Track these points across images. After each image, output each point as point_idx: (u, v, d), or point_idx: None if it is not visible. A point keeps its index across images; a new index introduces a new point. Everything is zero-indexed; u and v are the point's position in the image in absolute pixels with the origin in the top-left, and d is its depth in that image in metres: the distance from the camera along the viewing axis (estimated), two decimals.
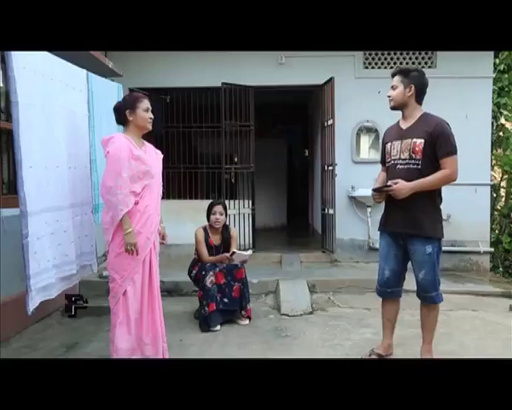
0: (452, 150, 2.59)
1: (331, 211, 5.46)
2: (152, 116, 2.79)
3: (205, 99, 5.84)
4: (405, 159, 2.66)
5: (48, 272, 2.56)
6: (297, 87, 5.83)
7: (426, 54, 5.56)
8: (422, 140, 2.61)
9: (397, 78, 2.72)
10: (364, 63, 5.61)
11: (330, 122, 5.39)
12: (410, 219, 2.65)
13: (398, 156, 2.71)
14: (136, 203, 2.66)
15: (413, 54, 5.57)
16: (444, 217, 5.31)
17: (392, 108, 2.78)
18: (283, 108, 8.27)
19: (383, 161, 2.91)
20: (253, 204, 5.79)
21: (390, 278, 2.82)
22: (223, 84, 5.34)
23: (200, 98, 5.83)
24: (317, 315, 3.97)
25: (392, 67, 5.47)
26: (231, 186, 5.71)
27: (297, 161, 9.89)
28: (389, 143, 2.79)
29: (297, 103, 8.20)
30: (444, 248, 5.34)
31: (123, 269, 2.65)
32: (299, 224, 8.68)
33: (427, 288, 2.70)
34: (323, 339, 3.37)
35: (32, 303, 2.42)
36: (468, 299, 4.43)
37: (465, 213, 5.42)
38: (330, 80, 5.35)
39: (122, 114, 2.73)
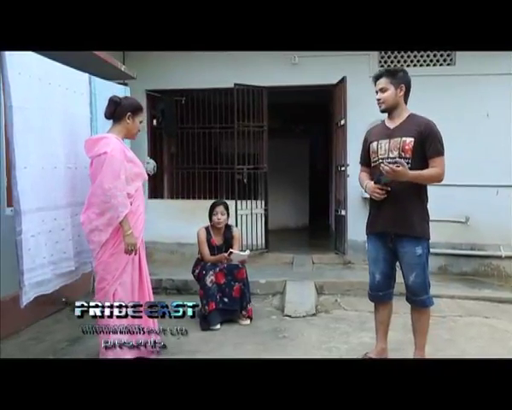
0: (442, 151, 2.56)
1: (343, 212, 5.39)
2: (140, 129, 2.89)
3: (219, 100, 5.89)
4: (394, 157, 2.60)
5: (43, 268, 2.65)
6: (311, 87, 5.76)
7: (444, 51, 5.36)
8: (413, 139, 2.56)
9: (384, 80, 2.65)
10: (380, 62, 5.48)
11: (343, 122, 5.31)
12: (399, 219, 2.59)
13: (386, 155, 2.65)
14: (130, 205, 2.72)
15: (431, 51, 5.38)
16: (462, 219, 5.27)
17: (383, 111, 2.72)
18: (305, 108, 8.19)
19: (364, 162, 2.86)
20: (265, 204, 5.79)
21: (381, 281, 2.77)
22: (235, 85, 5.36)
23: (214, 99, 5.88)
24: (320, 317, 3.92)
25: (408, 65, 5.35)
26: (244, 186, 5.73)
27: (319, 162, 9.78)
28: (375, 142, 2.73)
29: (318, 103, 8.10)
30: (462, 252, 5.33)
31: (115, 269, 2.72)
32: (321, 225, 8.59)
33: (418, 291, 2.64)
34: (321, 341, 3.34)
35: (26, 298, 2.52)
36: (483, 305, 4.26)
37: (485, 215, 5.23)
38: (343, 80, 5.27)
39: (121, 112, 2.77)
